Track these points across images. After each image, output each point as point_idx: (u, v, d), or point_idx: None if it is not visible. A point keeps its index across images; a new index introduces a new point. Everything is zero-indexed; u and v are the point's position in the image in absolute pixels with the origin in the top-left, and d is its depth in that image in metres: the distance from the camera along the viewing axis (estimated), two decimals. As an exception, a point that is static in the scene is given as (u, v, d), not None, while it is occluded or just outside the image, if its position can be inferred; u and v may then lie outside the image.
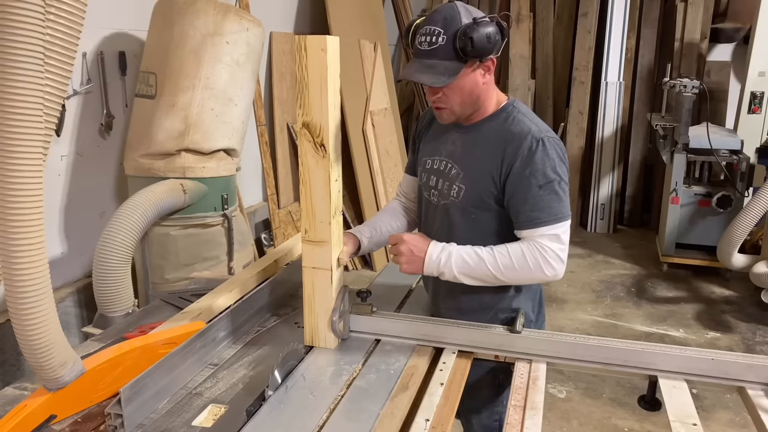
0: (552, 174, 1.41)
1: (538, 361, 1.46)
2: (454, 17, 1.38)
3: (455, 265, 1.44)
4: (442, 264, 1.45)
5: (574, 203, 5.65)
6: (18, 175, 1.00)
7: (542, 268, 1.43)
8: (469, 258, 1.44)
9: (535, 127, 1.45)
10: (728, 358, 1.37)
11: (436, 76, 1.39)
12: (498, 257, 1.43)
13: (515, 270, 1.43)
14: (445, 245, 1.47)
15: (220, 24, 2.85)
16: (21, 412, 1.19)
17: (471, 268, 1.44)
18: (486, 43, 1.36)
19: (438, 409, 1.30)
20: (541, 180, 1.41)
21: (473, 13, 1.41)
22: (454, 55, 1.38)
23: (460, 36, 1.36)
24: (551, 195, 1.41)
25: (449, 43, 1.37)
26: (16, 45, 0.96)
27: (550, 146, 1.42)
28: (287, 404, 1.29)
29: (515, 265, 1.42)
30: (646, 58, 5.73)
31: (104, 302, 2.38)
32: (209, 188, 2.93)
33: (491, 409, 1.67)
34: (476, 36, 1.35)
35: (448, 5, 1.41)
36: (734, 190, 4.31)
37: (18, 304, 1.07)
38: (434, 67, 1.39)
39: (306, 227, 1.47)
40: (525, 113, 1.50)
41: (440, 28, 1.38)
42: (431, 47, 1.39)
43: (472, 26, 1.36)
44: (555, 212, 1.42)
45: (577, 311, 4.06)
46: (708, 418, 2.83)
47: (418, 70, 1.41)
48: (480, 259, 1.43)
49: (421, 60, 1.41)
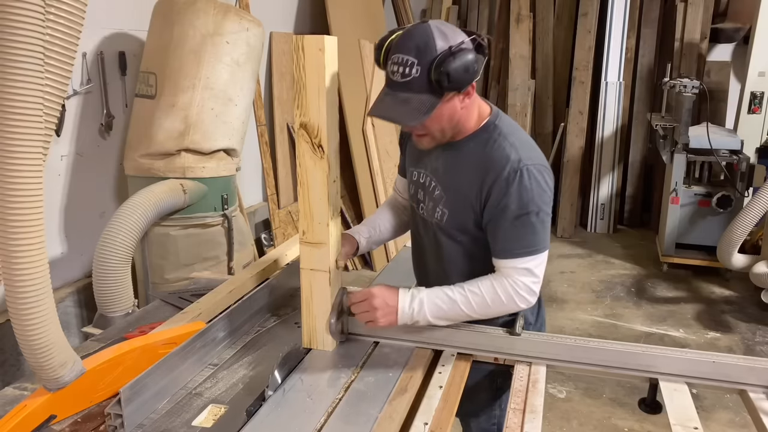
0: (529, 206, 1.35)
1: (538, 363, 1.45)
2: (428, 45, 1.26)
3: (429, 313, 1.41)
4: (416, 314, 1.41)
5: (574, 203, 5.65)
6: (18, 175, 1.00)
7: (515, 300, 1.39)
8: (442, 302, 1.41)
9: (515, 154, 1.36)
10: (730, 360, 1.36)
11: (410, 113, 1.29)
12: (470, 297, 1.40)
13: (489, 306, 1.40)
14: (414, 293, 1.43)
15: (220, 24, 2.85)
16: (21, 412, 1.19)
17: (444, 311, 1.41)
18: (464, 75, 1.26)
19: (437, 412, 1.29)
20: (517, 211, 1.35)
21: (449, 35, 1.28)
22: (429, 88, 1.28)
23: (435, 68, 1.25)
24: (526, 227, 1.36)
25: (424, 75, 1.26)
26: (16, 45, 0.96)
27: (528, 176, 1.34)
28: (285, 407, 1.29)
29: (488, 302, 1.39)
30: (646, 58, 5.73)
31: (104, 302, 2.38)
32: (209, 188, 2.93)
33: (489, 413, 1.67)
34: (453, 68, 1.24)
35: (422, 28, 1.29)
36: (734, 190, 4.31)
37: (18, 304, 1.07)
38: (408, 101, 1.29)
39: (304, 228, 1.46)
40: (507, 134, 1.41)
41: (413, 57, 1.26)
42: (405, 79, 1.27)
43: (448, 57, 1.24)
44: (528, 244, 1.37)
45: (577, 311, 4.06)
46: (708, 419, 2.83)
47: (390, 107, 1.31)
48: (452, 301, 1.40)
49: (394, 93, 1.30)
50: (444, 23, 1.33)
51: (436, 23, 1.30)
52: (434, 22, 1.31)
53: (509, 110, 5.71)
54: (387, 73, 1.33)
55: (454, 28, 1.32)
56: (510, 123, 1.46)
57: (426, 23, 1.30)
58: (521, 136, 1.43)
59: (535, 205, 1.35)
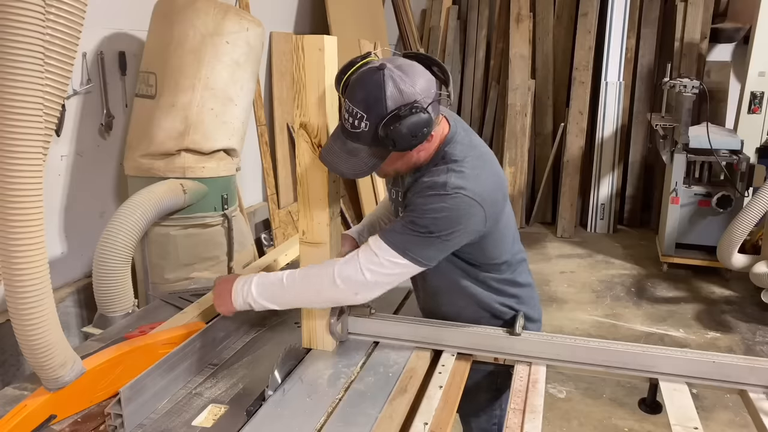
0: (429, 224, 1.27)
1: (538, 363, 1.45)
2: (379, 100, 1.19)
3: (256, 292, 1.37)
4: (245, 297, 1.38)
5: (574, 203, 5.65)
6: (18, 175, 1.01)
7: (335, 280, 1.31)
8: (268, 280, 1.38)
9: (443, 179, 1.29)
10: (730, 360, 1.36)
11: (357, 166, 1.27)
12: (297, 272, 1.35)
13: (309, 280, 1.34)
14: (248, 278, 1.40)
15: (220, 24, 2.84)
16: (21, 412, 1.19)
17: (271, 290, 1.37)
18: (411, 140, 1.19)
19: (437, 412, 1.29)
20: (414, 218, 1.29)
21: (404, 86, 1.19)
22: (377, 144, 1.23)
23: (382, 128, 1.19)
24: (412, 232, 1.28)
25: (371, 131, 1.21)
26: (16, 45, 0.96)
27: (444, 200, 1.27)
28: (285, 407, 1.29)
29: (311, 275, 1.34)
30: (646, 58, 5.73)
31: (104, 302, 2.38)
32: (209, 188, 2.93)
33: (490, 412, 1.67)
34: (399, 134, 1.18)
35: (375, 77, 1.20)
36: (734, 190, 4.30)
37: (18, 304, 1.07)
38: (357, 153, 1.26)
39: (304, 228, 1.46)
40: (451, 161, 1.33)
41: (363, 111, 1.20)
42: (354, 130, 1.23)
43: (396, 121, 1.17)
44: (404, 243, 1.29)
45: (577, 311, 4.06)
46: (708, 418, 2.83)
47: (340, 157, 1.27)
48: (278, 278, 1.37)
49: (344, 140, 1.26)
50: (402, 67, 1.22)
51: (391, 71, 1.20)
52: (390, 68, 1.21)
53: (509, 110, 5.71)
54: (340, 114, 1.29)
55: (412, 74, 1.22)
56: (462, 147, 1.36)
57: (381, 70, 1.21)
58: (467, 162, 1.33)
59: (435, 224, 1.27)
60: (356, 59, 1.30)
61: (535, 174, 6.03)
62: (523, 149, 5.74)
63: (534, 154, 5.99)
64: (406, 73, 1.22)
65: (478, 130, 6.22)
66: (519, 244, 1.59)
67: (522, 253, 1.60)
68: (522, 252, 1.60)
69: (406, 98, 1.20)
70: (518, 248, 1.58)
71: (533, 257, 5.05)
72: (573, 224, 5.69)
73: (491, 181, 1.37)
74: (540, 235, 5.68)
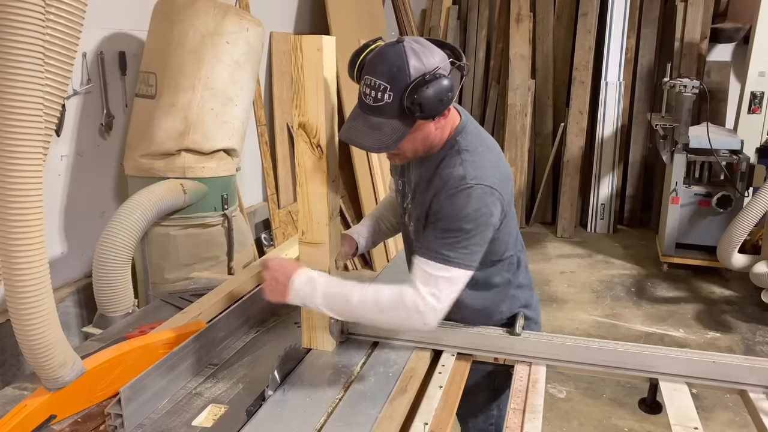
0: (462, 222, 1.28)
1: (538, 363, 1.45)
2: (402, 69, 1.21)
3: (321, 301, 1.33)
4: (307, 297, 1.34)
5: (574, 203, 5.65)
6: (18, 175, 1.01)
7: (410, 315, 1.28)
8: (337, 292, 1.33)
9: (461, 172, 1.31)
10: (730, 360, 1.36)
11: (381, 139, 1.26)
12: (368, 295, 1.31)
13: (380, 310, 1.30)
14: (315, 276, 1.35)
15: (220, 24, 2.85)
16: (21, 412, 1.19)
17: (337, 303, 1.33)
18: (437, 104, 1.21)
19: (437, 412, 1.29)
20: (448, 224, 1.30)
21: (424, 58, 1.23)
22: (401, 115, 1.24)
23: (408, 96, 1.20)
24: (452, 239, 1.29)
25: (396, 101, 1.22)
26: (16, 45, 0.96)
27: (468, 194, 1.29)
28: (285, 407, 1.29)
29: (381, 306, 1.30)
30: (646, 58, 5.73)
31: (104, 302, 2.38)
32: (209, 188, 2.93)
33: (487, 413, 1.67)
34: (426, 98, 1.19)
35: (395, 50, 1.23)
36: (734, 190, 4.30)
37: (18, 304, 1.07)
38: (380, 127, 1.25)
39: (303, 228, 1.46)
40: (463, 150, 1.35)
41: (386, 82, 1.22)
42: (377, 104, 1.23)
43: (422, 85, 1.20)
44: (448, 253, 1.29)
45: (577, 311, 4.06)
46: (708, 418, 2.83)
47: (361, 132, 1.27)
48: (348, 294, 1.32)
49: (365, 116, 1.27)
50: (419, 41, 1.27)
51: (410, 43, 1.24)
52: (408, 41, 1.25)
53: (509, 110, 5.71)
54: (360, 93, 1.29)
55: (429, 47, 1.27)
56: (473, 137, 1.39)
57: (400, 43, 1.24)
58: (479, 152, 1.36)
59: (468, 222, 1.29)
60: (368, 43, 1.33)
61: (535, 174, 6.03)
62: (523, 149, 5.74)
63: (534, 154, 6.00)
64: (423, 45, 1.26)
65: (478, 130, 6.22)
66: (520, 242, 1.59)
67: (523, 253, 1.60)
68: (523, 251, 1.60)
69: (428, 66, 1.23)
70: (520, 247, 1.58)
71: (533, 257, 5.05)
72: (573, 224, 5.69)
73: (503, 171, 1.39)
74: (540, 235, 5.68)
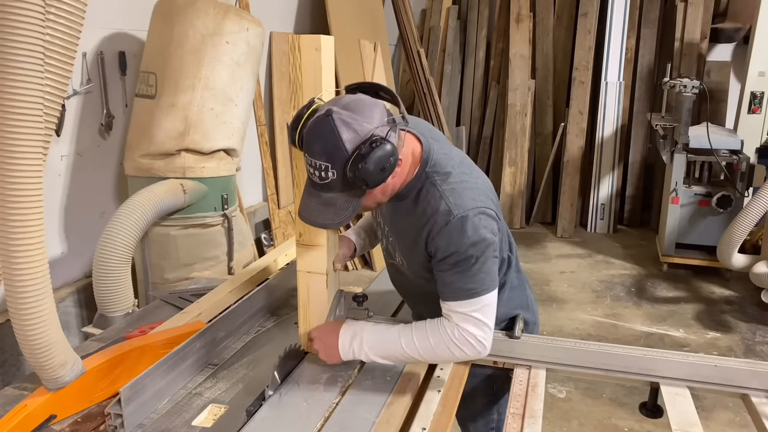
0: (466, 252, 1.28)
1: (538, 367, 1.44)
2: (337, 146, 1.16)
3: (370, 352, 1.36)
4: (356, 353, 1.37)
5: (574, 203, 5.65)
6: (18, 175, 1.01)
7: (461, 349, 1.31)
8: (384, 342, 1.36)
9: (444, 206, 1.30)
10: (731, 364, 1.35)
11: (339, 213, 1.24)
12: (416, 340, 1.33)
13: (433, 351, 1.33)
14: (356, 330, 1.38)
15: (220, 24, 2.85)
16: (21, 412, 1.19)
17: (387, 351, 1.35)
18: (381, 174, 1.18)
19: (435, 416, 1.28)
20: (454, 259, 1.29)
21: (357, 126, 1.17)
22: (350, 186, 1.21)
23: (350, 171, 1.17)
24: (465, 273, 1.29)
25: (339, 177, 1.19)
26: (16, 45, 0.96)
27: (461, 225, 1.28)
28: (281, 412, 1.28)
29: (432, 347, 1.32)
30: (646, 58, 5.73)
31: (104, 302, 2.38)
32: (209, 188, 2.93)
33: (487, 417, 1.66)
34: (367, 172, 1.16)
35: (326, 125, 1.17)
36: (734, 190, 4.30)
37: (18, 304, 1.07)
38: (334, 202, 1.24)
39: (300, 230, 1.43)
40: (438, 181, 1.32)
41: (325, 162, 1.18)
42: (323, 182, 1.21)
43: (359, 160, 1.15)
44: (469, 288, 1.30)
45: (577, 311, 4.06)
46: (708, 418, 2.83)
47: (317, 211, 1.26)
48: (395, 342, 1.34)
49: (317, 193, 1.24)
50: (348, 107, 1.19)
51: (338, 113, 1.17)
52: (337, 111, 1.17)
53: (509, 110, 5.72)
54: (307, 170, 1.25)
55: (361, 111, 1.19)
56: (441, 160, 1.35)
57: (329, 116, 1.17)
58: (453, 174, 1.34)
59: (473, 249, 1.28)
60: (302, 110, 1.27)
61: (535, 174, 6.03)
62: (523, 149, 5.74)
63: (534, 154, 5.99)
64: (354, 111, 1.19)
65: (477, 130, 6.23)
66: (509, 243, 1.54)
67: (513, 253, 1.56)
68: (513, 252, 1.56)
69: (363, 135, 1.17)
70: (508, 247, 1.53)
71: (533, 257, 5.05)
72: (573, 224, 5.68)
73: (482, 182, 1.38)
74: (540, 235, 5.68)
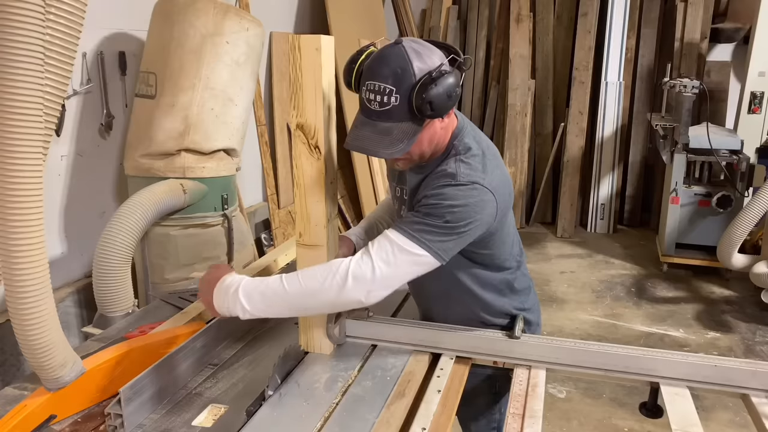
0: (442, 210, 1.26)
1: (538, 367, 1.44)
2: (406, 70, 1.19)
3: (245, 298, 1.30)
4: (231, 306, 1.31)
5: (574, 203, 5.65)
6: (18, 175, 1.01)
7: (350, 279, 1.24)
8: (263, 284, 1.31)
9: (453, 170, 1.30)
10: (732, 364, 1.34)
11: (393, 144, 1.23)
12: (300, 275, 1.28)
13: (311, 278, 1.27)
14: (234, 280, 1.33)
15: (220, 24, 2.85)
16: (21, 412, 1.19)
17: (263, 294, 1.30)
18: (446, 101, 1.20)
19: (435, 416, 1.27)
20: (428, 209, 1.28)
21: (426, 57, 1.21)
22: (410, 116, 1.22)
23: (416, 96, 1.19)
24: (427, 221, 1.26)
25: (404, 103, 1.20)
26: (16, 45, 0.96)
27: (454, 189, 1.27)
28: (281, 412, 1.27)
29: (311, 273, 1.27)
30: (646, 58, 5.72)
31: (104, 302, 2.38)
32: (209, 188, 2.93)
33: (489, 417, 1.66)
34: (435, 95, 1.18)
35: (396, 51, 1.21)
36: (734, 190, 4.30)
37: (18, 304, 1.07)
38: (389, 132, 1.23)
39: (301, 230, 1.44)
40: (460, 154, 1.33)
41: (391, 85, 1.20)
42: (383, 108, 1.21)
43: (429, 83, 1.18)
44: (419, 232, 1.26)
45: (577, 311, 4.06)
46: (708, 418, 2.83)
47: (370, 138, 1.24)
48: (276, 282, 1.29)
49: (373, 123, 1.24)
50: (417, 41, 1.25)
51: (410, 43, 1.23)
52: (408, 41, 1.23)
53: (509, 110, 5.71)
54: (362, 100, 1.26)
55: (429, 47, 1.25)
56: (470, 140, 1.37)
57: (399, 44, 1.22)
58: (476, 154, 1.34)
59: (452, 214, 1.26)
60: (363, 49, 1.31)
61: (535, 174, 6.03)
62: (523, 149, 5.74)
63: (534, 154, 5.99)
64: (423, 45, 1.25)
65: (478, 130, 6.22)
66: (519, 246, 1.58)
67: (523, 256, 1.59)
68: (523, 255, 1.60)
69: (431, 65, 1.21)
70: (519, 250, 1.57)
71: (533, 257, 5.05)
72: (573, 224, 5.68)
73: (499, 173, 1.38)
74: (540, 235, 5.68)
